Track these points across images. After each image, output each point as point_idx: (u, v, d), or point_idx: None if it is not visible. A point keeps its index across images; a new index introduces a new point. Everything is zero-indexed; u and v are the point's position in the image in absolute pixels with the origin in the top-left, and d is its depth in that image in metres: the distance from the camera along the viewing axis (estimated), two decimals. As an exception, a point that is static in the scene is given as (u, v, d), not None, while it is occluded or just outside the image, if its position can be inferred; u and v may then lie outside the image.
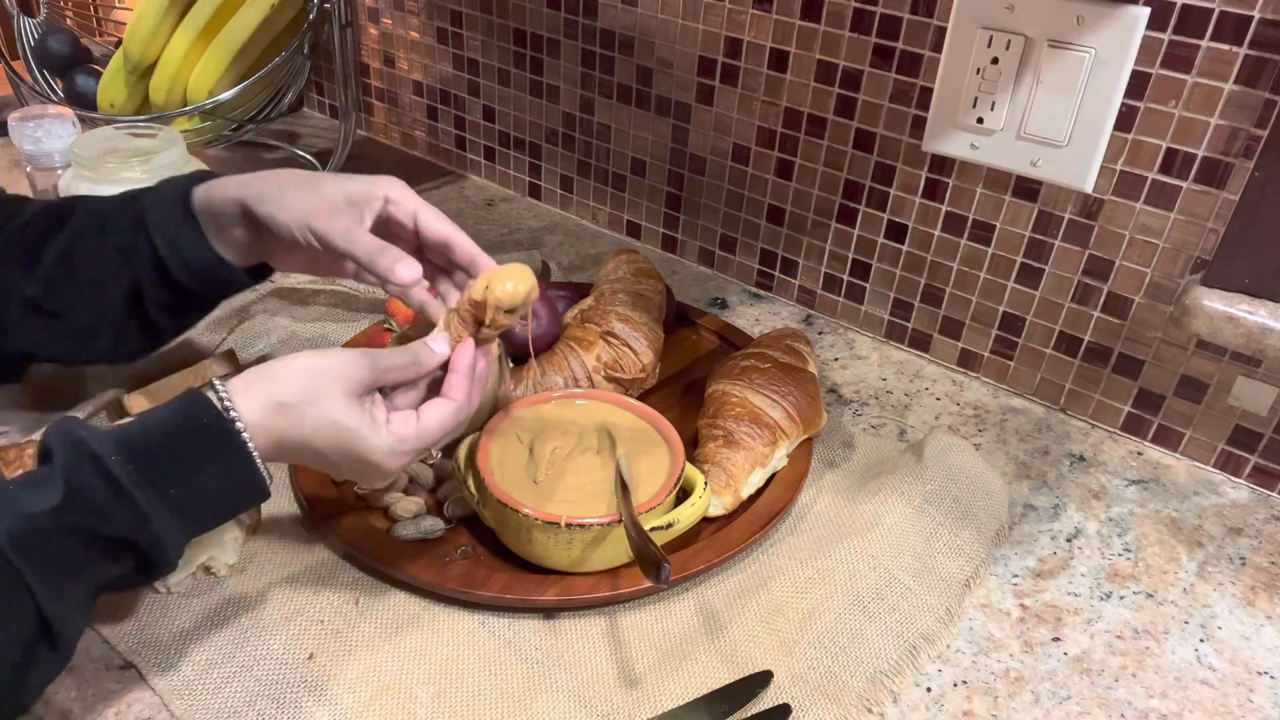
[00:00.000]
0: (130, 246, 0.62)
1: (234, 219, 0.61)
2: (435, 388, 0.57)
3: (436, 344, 0.56)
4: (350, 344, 0.81)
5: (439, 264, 0.63)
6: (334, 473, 0.57)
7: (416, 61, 1.20)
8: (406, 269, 0.56)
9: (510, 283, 0.56)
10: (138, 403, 0.72)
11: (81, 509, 0.45)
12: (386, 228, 0.61)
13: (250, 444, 0.49)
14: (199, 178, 0.63)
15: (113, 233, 0.62)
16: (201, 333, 0.81)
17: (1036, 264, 0.80)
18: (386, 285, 0.58)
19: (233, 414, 0.49)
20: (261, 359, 0.80)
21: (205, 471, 0.48)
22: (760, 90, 0.90)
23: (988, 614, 0.63)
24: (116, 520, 0.46)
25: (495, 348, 0.68)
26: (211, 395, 0.49)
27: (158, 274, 0.62)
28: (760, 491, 0.69)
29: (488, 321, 0.57)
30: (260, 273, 0.66)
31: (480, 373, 0.58)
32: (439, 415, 0.55)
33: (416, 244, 0.62)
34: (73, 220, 0.63)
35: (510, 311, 0.56)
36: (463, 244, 0.60)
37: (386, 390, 0.55)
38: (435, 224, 0.60)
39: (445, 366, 0.57)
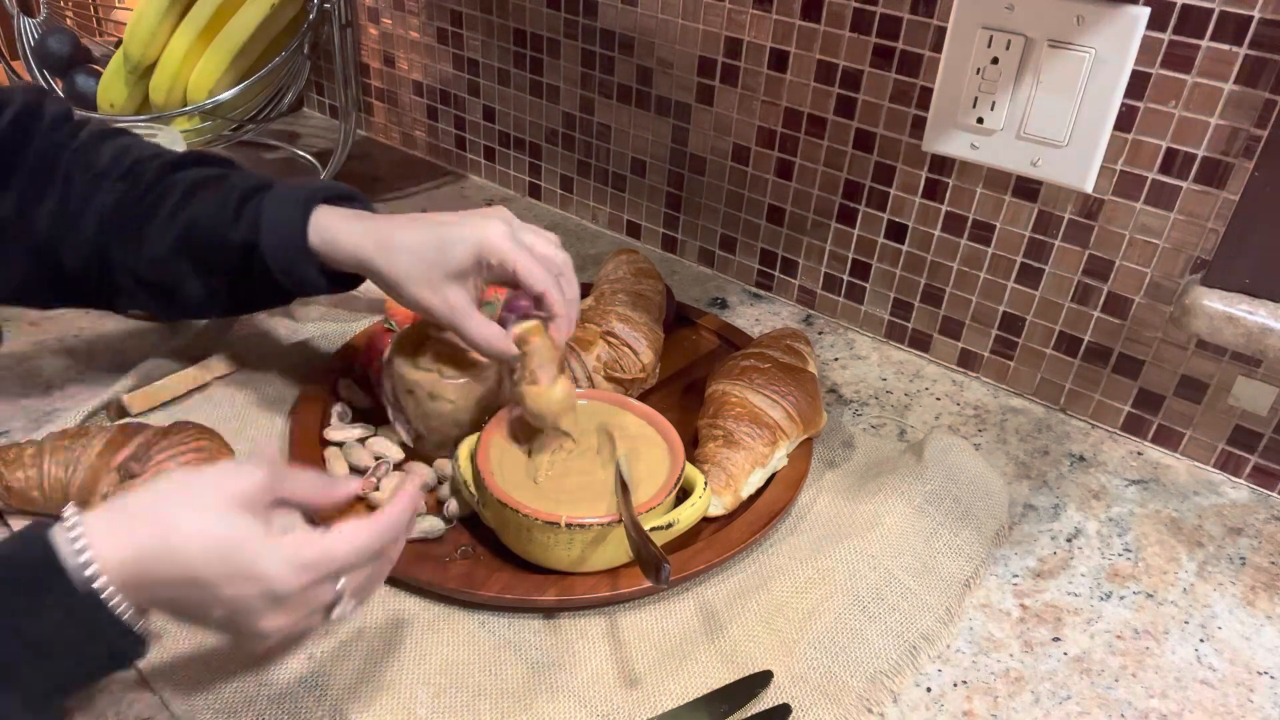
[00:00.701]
0: (249, 246, 0.63)
1: (356, 266, 0.63)
2: None
3: (352, 482, 0.52)
4: (351, 344, 0.81)
5: None
6: (213, 613, 0.44)
7: (416, 61, 1.20)
8: (504, 346, 0.62)
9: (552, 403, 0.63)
10: (139, 403, 0.72)
11: None
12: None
13: (90, 579, 0.40)
14: (316, 197, 0.63)
15: (238, 228, 0.63)
16: (201, 333, 0.81)
17: (1036, 264, 0.80)
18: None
19: (79, 544, 0.41)
20: (261, 359, 0.80)
21: (28, 620, 0.40)
22: (760, 90, 0.90)
23: (988, 614, 0.63)
24: None
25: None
26: (58, 526, 0.42)
27: (268, 278, 0.63)
28: (760, 491, 0.69)
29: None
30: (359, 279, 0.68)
31: (407, 524, 0.50)
32: (350, 533, 0.46)
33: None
34: (197, 202, 0.64)
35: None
36: (552, 298, 0.63)
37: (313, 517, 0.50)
38: (530, 281, 0.62)
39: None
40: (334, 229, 0.62)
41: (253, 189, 0.64)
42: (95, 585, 0.40)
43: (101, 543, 0.41)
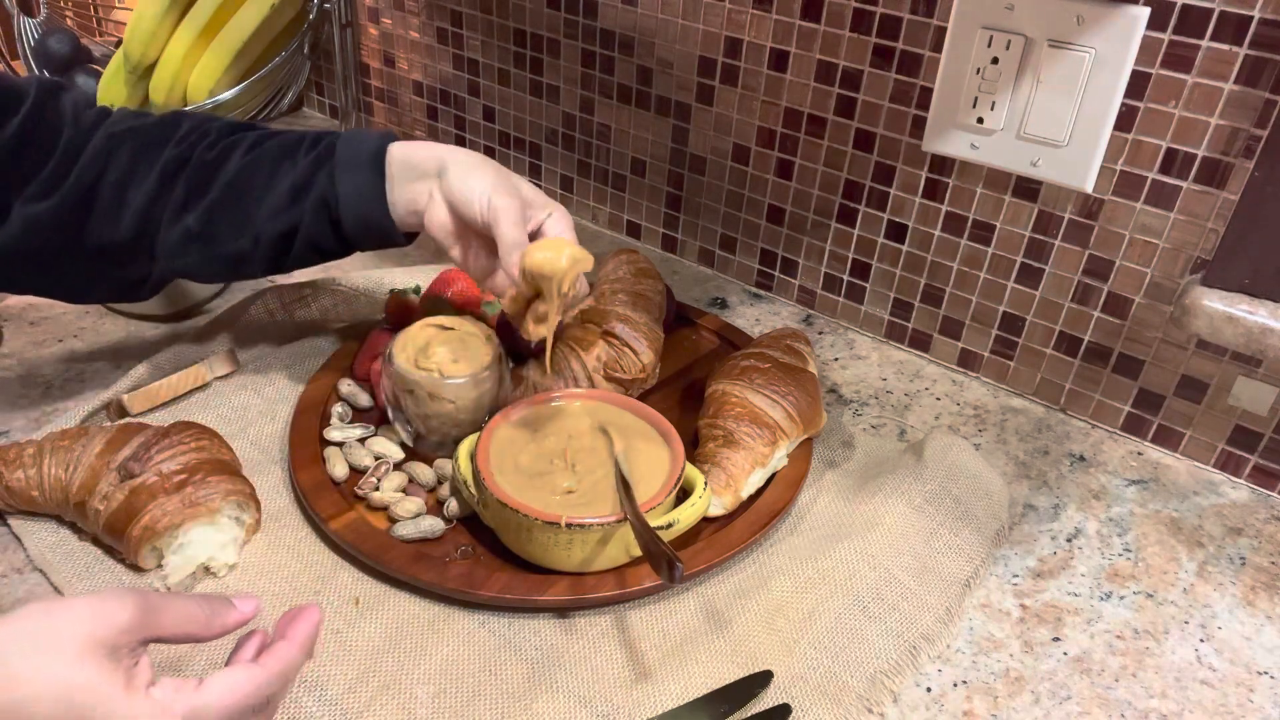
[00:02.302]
0: (304, 185, 0.64)
1: (429, 174, 0.65)
2: None
3: (242, 602, 0.45)
4: (351, 344, 0.81)
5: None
6: None
7: (416, 61, 1.20)
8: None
9: (539, 254, 0.59)
10: (138, 403, 0.72)
11: None
12: (536, 231, 0.65)
13: None
14: (391, 136, 0.66)
15: (290, 170, 0.65)
16: (202, 333, 0.81)
17: (1036, 264, 0.80)
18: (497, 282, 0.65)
19: None
20: (261, 359, 0.80)
21: None
22: (760, 90, 0.90)
23: (988, 614, 0.63)
24: None
25: (494, 348, 0.69)
26: None
27: (324, 217, 0.65)
28: (760, 491, 0.69)
29: (548, 295, 0.60)
30: (412, 237, 0.69)
31: (298, 667, 0.45)
32: (229, 685, 0.41)
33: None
34: (251, 151, 0.66)
35: (555, 281, 0.59)
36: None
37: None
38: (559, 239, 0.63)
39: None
40: (415, 142, 0.66)
41: (327, 135, 0.67)
42: None
43: None
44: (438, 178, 0.64)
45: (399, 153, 0.65)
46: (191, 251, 0.66)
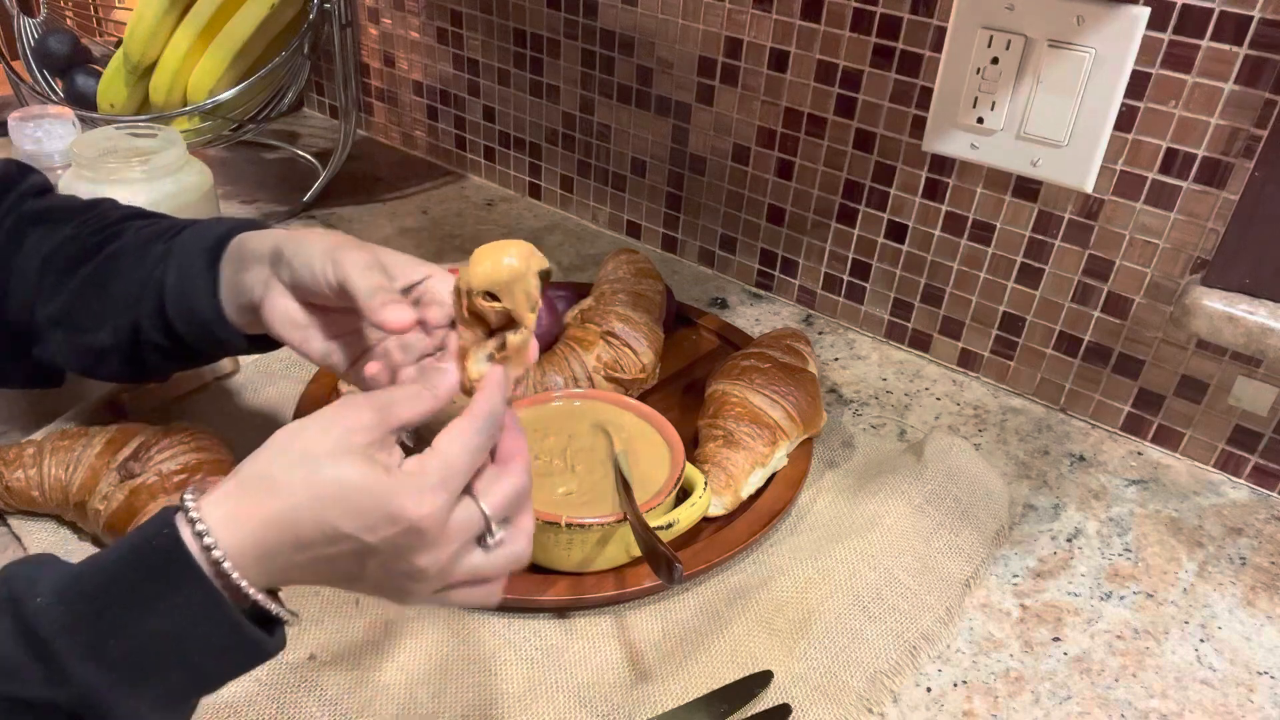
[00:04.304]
0: (149, 280, 0.58)
1: (262, 260, 0.55)
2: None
3: (447, 364, 0.47)
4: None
5: None
6: (366, 568, 0.42)
7: (416, 61, 1.20)
8: (396, 313, 0.49)
9: (484, 263, 0.46)
10: (138, 403, 0.72)
11: None
12: (418, 304, 0.56)
13: (216, 565, 0.39)
14: (251, 225, 0.59)
15: (144, 262, 0.59)
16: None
17: (1036, 264, 0.80)
18: (379, 330, 0.52)
19: (198, 527, 0.39)
20: (261, 359, 0.80)
21: (155, 613, 0.38)
22: (760, 90, 0.90)
23: (988, 614, 0.63)
24: (28, 678, 0.36)
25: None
26: (180, 514, 0.40)
27: (158, 310, 0.58)
28: (760, 491, 0.69)
29: (488, 313, 0.47)
30: (263, 344, 0.59)
31: (504, 389, 0.47)
32: (458, 434, 0.44)
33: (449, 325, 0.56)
34: (119, 241, 0.61)
35: (495, 298, 0.46)
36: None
37: (415, 438, 0.47)
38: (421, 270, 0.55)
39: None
40: (250, 236, 0.57)
41: (183, 226, 0.61)
42: (223, 571, 0.39)
43: (221, 526, 0.39)
44: (270, 263, 0.54)
45: (237, 241, 0.56)
46: (55, 338, 0.61)
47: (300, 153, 1.24)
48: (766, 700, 0.55)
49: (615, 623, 0.60)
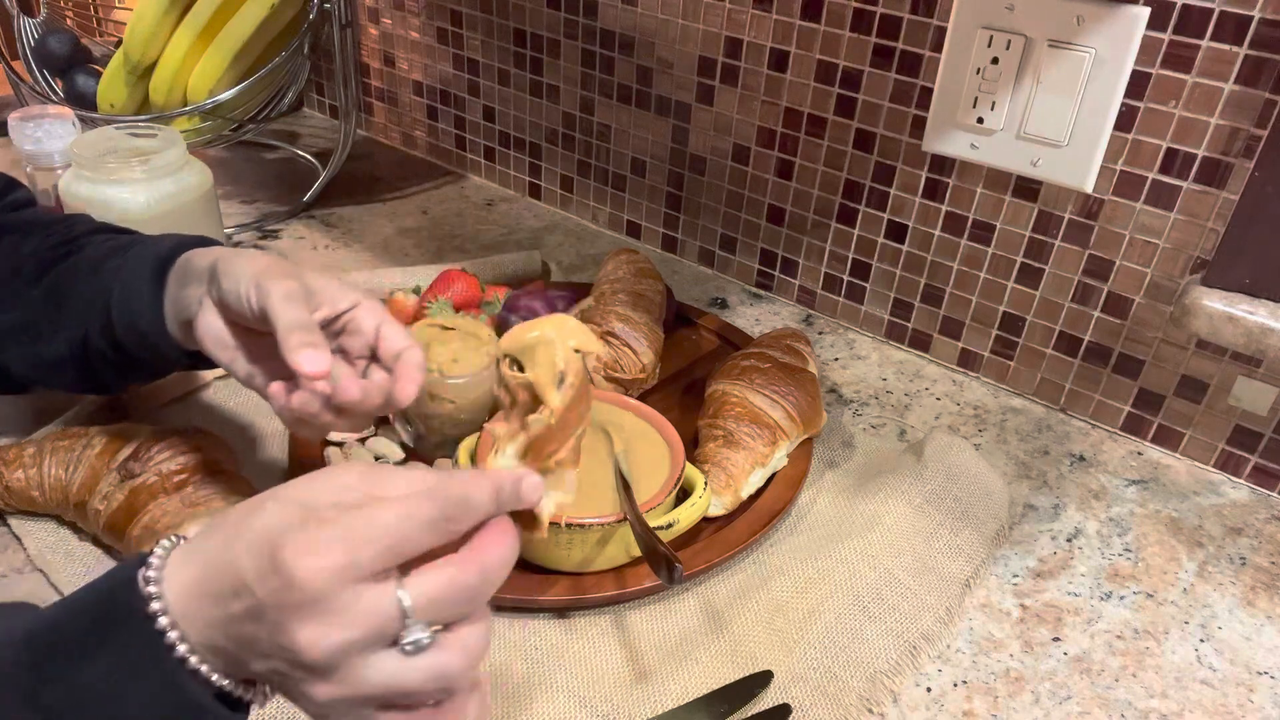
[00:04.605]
0: (101, 292, 0.58)
1: (202, 276, 0.55)
2: None
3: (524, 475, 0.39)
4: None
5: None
6: (259, 640, 0.35)
7: (416, 61, 1.20)
8: (311, 360, 0.48)
9: (520, 329, 0.39)
10: (138, 403, 0.72)
11: None
12: (341, 333, 0.56)
13: (153, 619, 0.34)
14: (203, 242, 0.59)
15: (99, 275, 0.59)
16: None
17: (1036, 264, 0.80)
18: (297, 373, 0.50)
19: (149, 573, 0.35)
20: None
21: (93, 664, 0.34)
22: (760, 90, 0.90)
23: (988, 614, 0.63)
24: None
25: (494, 348, 0.69)
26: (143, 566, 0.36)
27: (105, 322, 0.58)
28: (760, 491, 0.69)
29: (511, 385, 0.39)
30: (203, 361, 0.58)
31: (496, 489, 0.39)
32: (397, 501, 0.36)
33: (369, 359, 0.56)
34: (79, 255, 0.61)
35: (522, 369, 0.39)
36: (415, 359, 0.53)
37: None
38: (398, 339, 0.54)
39: None
40: (198, 253, 0.57)
41: (135, 241, 0.60)
42: (160, 627, 0.34)
43: (173, 571, 0.35)
44: (208, 280, 0.54)
45: (186, 257, 0.56)
46: (12, 348, 0.61)
47: (300, 153, 1.24)
48: (766, 700, 0.55)
49: (615, 623, 0.60)
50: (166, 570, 0.35)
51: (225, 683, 0.36)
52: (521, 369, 0.39)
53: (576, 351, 0.40)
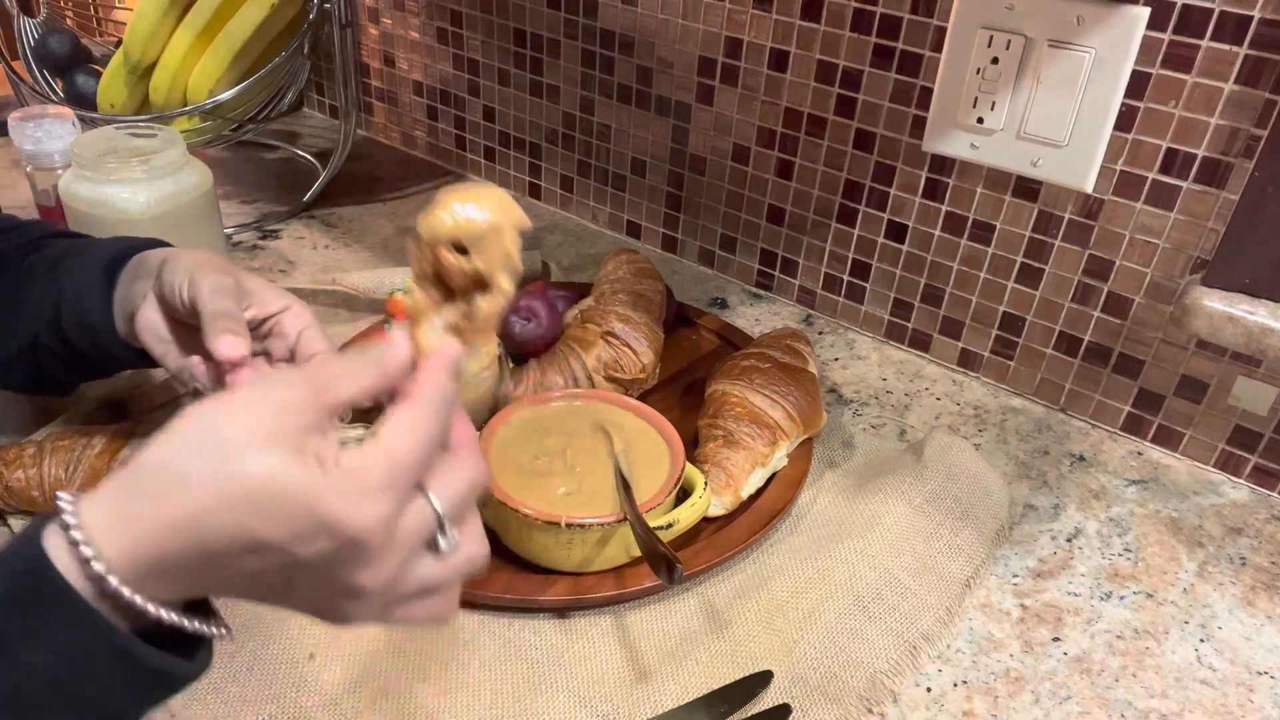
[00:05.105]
0: (54, 291, 0.59)
1: (151, 272, 0.56)
2: None
3: (399, 336, 0.40)
4: (351, 344, 0.81)
5: None
6: (296, 585, 0.36)
7: (416, 61, 1.20)
8: (229, 344, 0.49)
9: (454, 211, 0.37)
10: (138, 402, 0.72)
11: None
12: (269, 336, 0.56)
13: (100, 582, 0.32)
14: (161, 244, 0.60)
15: (53, 276, 0.60)
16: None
17: (1036, 264, 0.80)
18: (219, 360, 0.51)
19: (75, 535, 0.33)
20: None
21: (31, 645, 0.32)
22: (760, 90, 0.90)
23: (988, 614, 0.63)
24: None
25: (495, 347, 0.68)
26: (51, 525, 0.33)
27: (56, 321, 0.58)
28: (760, 491, 0.69)
29: (453, 271, 0.38)
30: (150, 359, 0.58)
31: (455, 367, 0.40)
32: (405, 423, 0.36)
33: (288, 359, 0.56)
34: (36, 255, 0.62)
35: (466, 253, 0.38)
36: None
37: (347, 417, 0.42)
38: (316, 344, 0.55)
39: None
40: (152, 252, 0.58)
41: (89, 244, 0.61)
42: (108, 588, 0.32)
43: (105, 531, 0.33)
44: (155, 276, 0.55)
45: (140, 256, 0.58)
46: None
47: (300, 153, 1.24)
48: (766, 700, 0.55)
49: (615, 623, 0.60)
50: (95, 538, 0.33)
51: (203, 626, 0.36)
52: (464, 251, 0.39)
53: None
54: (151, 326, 0.56)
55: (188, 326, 0.55)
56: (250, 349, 0.51)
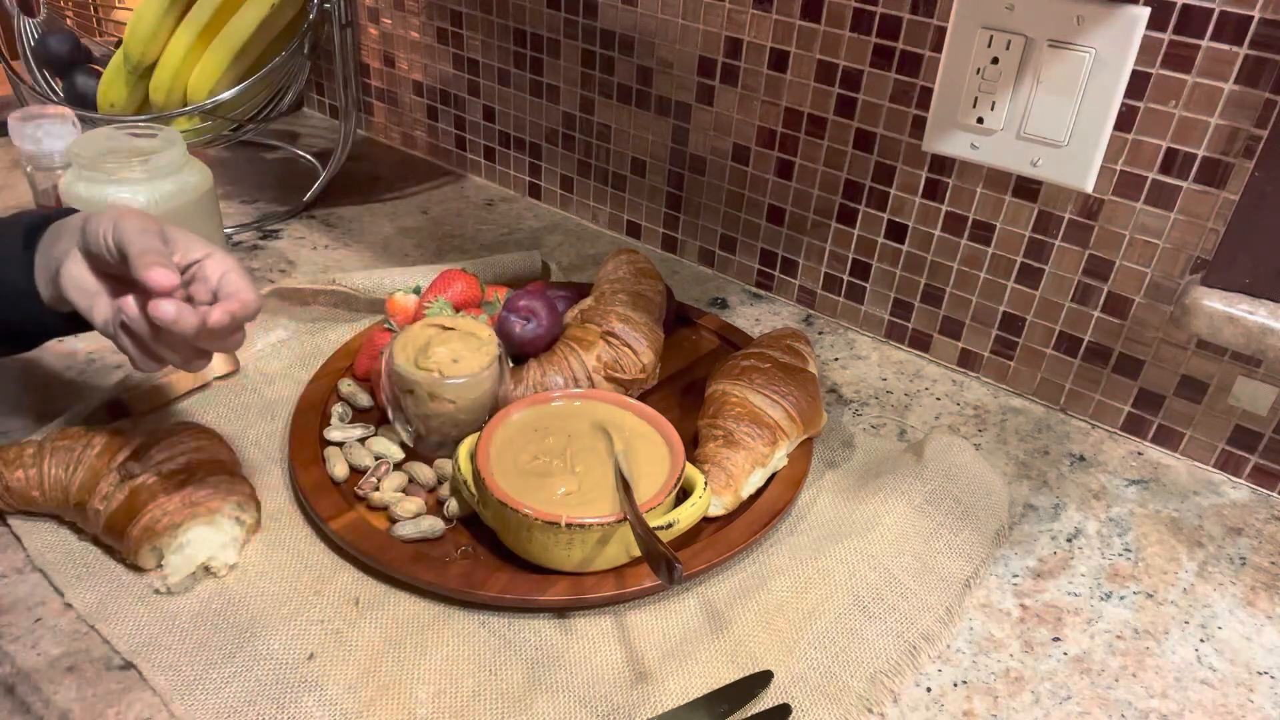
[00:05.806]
0: None
1: (74, 230, 0.58)
2: None
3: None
4: (351, 344, 0.81)
5: None
6: None
7: (416, 61, 1.20)
8: (160, 274, 0.52)
9: None
10: (138, 403, 0.72)
11: None
12: (191, 282, 0.58)
13: None
14: (70, 213, 0.61)
15: None
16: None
17: (1036, 264, 0.80)
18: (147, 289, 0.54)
19: None
20: (261, 359, 0.80)
21: None
22: (760, 90, 0.90)
23: (988, 614, 0.63)
24: None
25: (494, 348, 0.69)
26: None
27: None
28: (760, 491, 0.69)
29: None
30: (79, 324, 0.61)
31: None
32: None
33: (210, 303, 0.57)
34: None
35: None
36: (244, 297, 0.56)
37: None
38: (237, 283, 0.57)
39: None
40: (64, 221, 0.60)
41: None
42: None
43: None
44: (78, 234, 0.57)
45: (58, 223, 0.60)
46: None
47: (300, 153, 1.24)
48: (766, 700, 0.55)
49: (615, 623, 0.60)
50: None
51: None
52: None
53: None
54: (76, 280, 0.57)
55: (113, 279, 0.57)
56: (178, 278, 0.53)
